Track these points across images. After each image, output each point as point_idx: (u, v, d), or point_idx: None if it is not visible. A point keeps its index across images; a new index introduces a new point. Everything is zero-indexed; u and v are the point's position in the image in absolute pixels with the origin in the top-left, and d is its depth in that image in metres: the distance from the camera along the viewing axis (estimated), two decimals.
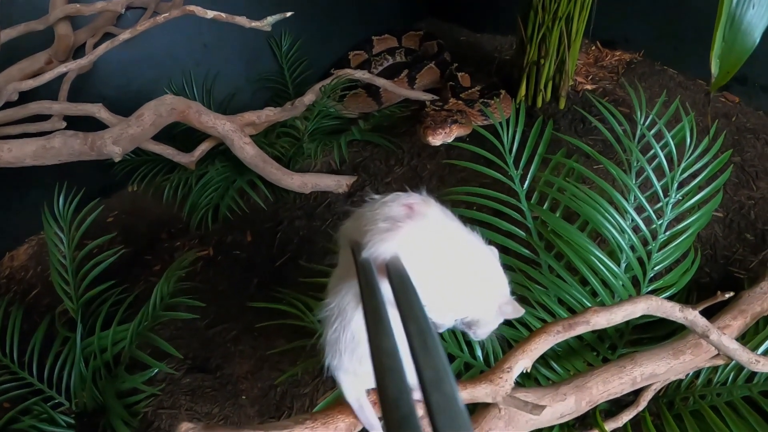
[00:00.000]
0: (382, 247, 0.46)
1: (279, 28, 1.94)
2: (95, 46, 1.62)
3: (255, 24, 1.06)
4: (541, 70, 1.55)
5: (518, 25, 1.54)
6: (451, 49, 2.02)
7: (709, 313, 1.26)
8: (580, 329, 0.69)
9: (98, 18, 1.57)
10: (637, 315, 0.73)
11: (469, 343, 0.99)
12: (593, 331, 1.05)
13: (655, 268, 1.04)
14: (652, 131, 1.05)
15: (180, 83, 1.81)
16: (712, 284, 1.28)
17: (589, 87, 1.68)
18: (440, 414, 0.28)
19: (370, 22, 2.12)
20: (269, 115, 1.43)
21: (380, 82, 1.59)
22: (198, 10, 1.02)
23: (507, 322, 1.06)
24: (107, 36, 1.64)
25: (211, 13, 1.02)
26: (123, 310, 1.35)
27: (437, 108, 1.43)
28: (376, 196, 0.52)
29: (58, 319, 1.38)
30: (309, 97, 1.54)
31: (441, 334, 1.00)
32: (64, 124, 1.45)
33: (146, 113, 1.19)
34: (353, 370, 0.54)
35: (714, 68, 0.74)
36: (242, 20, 1.06)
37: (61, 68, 1.09)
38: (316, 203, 1.54)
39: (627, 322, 1.07)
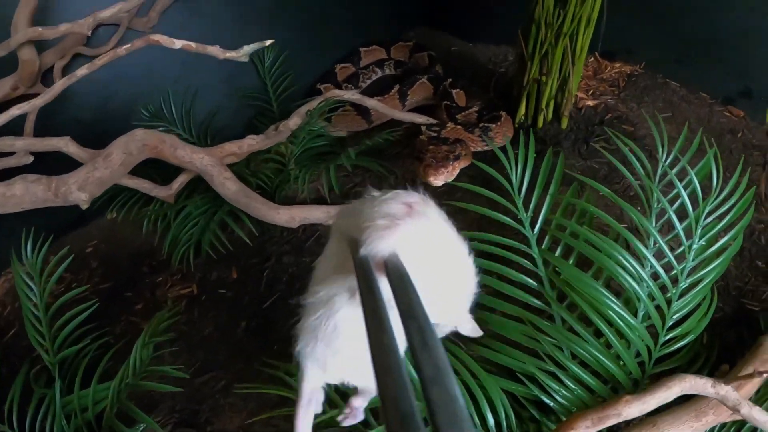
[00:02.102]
0: (380, 245, 0.46)
1: None
2: (64, 68, 1.50)
3: (230, 54, 0.95)
4: (542, 89, 1.46)
5: (519, 41, 1.45)
6: (442, 60, 1.91)
7: (725, 349, 1.22)
8: (611, 422, 0.62)
9: (67, 39, 1.45)
10: (672, 399, 0.66)
11: (481, 413, 0.91)
12: (605, 382, 0.99)
13: (675, 317, 0.98)
14: (675, 170, 0.96)
15: (158, 103, 1.69)
16: (725, 319, 1.22)
17: (590, 103, 1.60)
18: (440, 411, 0.27)
19: (359, 32, 2.00)
20: (251, 144, 1.32)
21: (370, 103, 1.48)
22: (164, 40, 0.90)
23: (512, 377, 0.99)
24: (77, 57, 1.53)
25: (179, 43, 0.91)
26: (104, 363, 1.26)
27: (434, 135, 1.33)
28: (375, 193, 0.52)
29: (34, 367, 1.28)
30: (294, 121, 1.44)
31: None
32: (31, 158, 1.33)
33: (115, 152, 1.08)
34: (324, 362, 0.53)
35: None
36: (215, 50, 0.95)
37: (14, 111, 0.96)
38: (305, 236, 1.44)
39: (642, 372, 1.00)
